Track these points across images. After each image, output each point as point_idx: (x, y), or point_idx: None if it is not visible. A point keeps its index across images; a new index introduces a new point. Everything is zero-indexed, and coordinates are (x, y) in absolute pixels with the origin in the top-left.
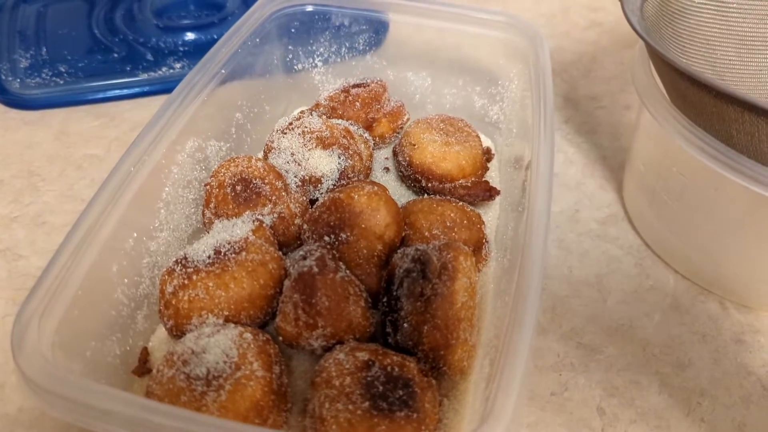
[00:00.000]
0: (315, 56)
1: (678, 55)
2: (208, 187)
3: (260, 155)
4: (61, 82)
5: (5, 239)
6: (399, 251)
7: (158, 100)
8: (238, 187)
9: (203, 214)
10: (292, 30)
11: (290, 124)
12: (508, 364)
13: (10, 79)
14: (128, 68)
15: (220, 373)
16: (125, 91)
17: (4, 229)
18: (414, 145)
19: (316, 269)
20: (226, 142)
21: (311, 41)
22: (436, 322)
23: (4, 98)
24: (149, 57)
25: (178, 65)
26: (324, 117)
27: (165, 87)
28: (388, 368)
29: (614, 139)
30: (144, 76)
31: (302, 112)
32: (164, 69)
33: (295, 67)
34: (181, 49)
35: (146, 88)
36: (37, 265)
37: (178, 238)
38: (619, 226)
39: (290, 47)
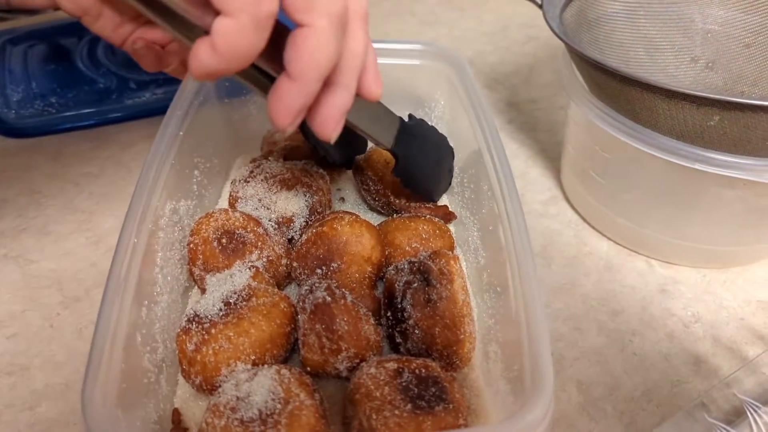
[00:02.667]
0: (250, 105)
1: (597, 56)
2: (191, 245)
3: (225, 206)
4: (53, 111)
5: (16, 248)
6: (391, 268)
7: (144, 123)
8: (224, 240)
9: (191, 272)
10: (227, 84)
11: (251, 172)
12: (536, 343)
13: (5, 110)
14: (114, 96)
15: (272, 411)
16: (113, 116)
17: (14, 239)
18: (388, 162)
19: (329, 298)
20: (192, 199)
21: (245, 90)
22: (446, 322)
23: (1, 128)
24: (132, 85)
25: (160, 91)
26: (281, 160)
27: (150, 110)
28: (416, 371)
29: (552, 135)
30: (129, 102)
31: (254, 159)
32: (148, 95)
33: (233, 116)
34: (161, 77)
35: (132, 112)
36: (48, 267)
37: (174, 300)
38: (559, 205)
39: (226, 100)
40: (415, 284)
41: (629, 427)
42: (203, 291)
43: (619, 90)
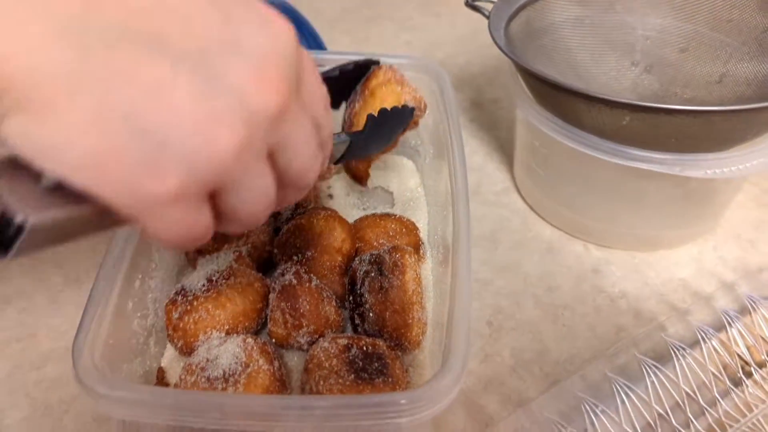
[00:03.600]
0: None
1: (545, 62)
2: None
3: None
4: None
5: None
6: (356, 259)
7: None
8: None
9: (186, 254)
10: None
11: None
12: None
13: None
14: None
15: (233, 372)
16: None
17: None
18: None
19: (295, 281)
20: None
21: None
22: (395, 307)
23: None
24: None
25: None
26: None
27: None
28: (364, 348)
29: (510, 132)
30: None
31: None
32: None
33: None
34: None
35: None
36: (53, 252)
37: (169, 276)
38: (510, 195)
39: None
40: (372, 274)
41: (552, 385)
42: None
43: (549, 93)
